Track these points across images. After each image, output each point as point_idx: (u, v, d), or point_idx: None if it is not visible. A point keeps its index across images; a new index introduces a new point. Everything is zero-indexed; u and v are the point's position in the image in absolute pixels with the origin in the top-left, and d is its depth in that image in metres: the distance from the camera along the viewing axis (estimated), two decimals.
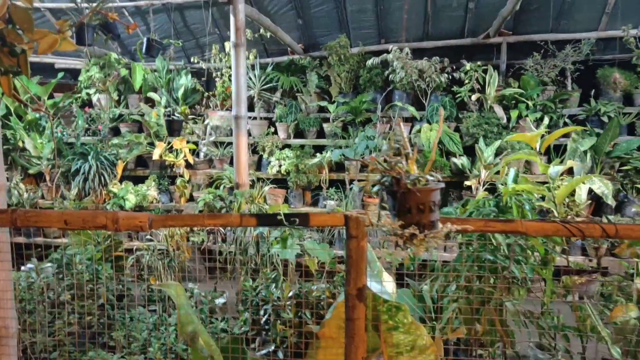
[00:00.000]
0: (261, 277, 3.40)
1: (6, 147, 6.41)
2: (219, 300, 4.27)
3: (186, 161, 6.14)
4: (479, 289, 2.85)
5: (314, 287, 3.07)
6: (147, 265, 4.30)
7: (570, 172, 5.61)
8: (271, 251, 3.94)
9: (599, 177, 5.36)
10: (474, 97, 5.88)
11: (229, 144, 6.19)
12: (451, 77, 6.06)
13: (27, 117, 6.29)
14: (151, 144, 6.26)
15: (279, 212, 1.73)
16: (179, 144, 6.06)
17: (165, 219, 1.89)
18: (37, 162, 6.19)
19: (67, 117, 6.56)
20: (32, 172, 6.37)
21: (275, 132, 6.41)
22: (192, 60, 6.61)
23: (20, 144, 6.30)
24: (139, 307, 4.06)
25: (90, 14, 3.34)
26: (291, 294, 2.97)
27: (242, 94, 4.62)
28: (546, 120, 5.65)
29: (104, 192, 6.05)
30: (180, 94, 6.41)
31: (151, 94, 6.51)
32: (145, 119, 6.30)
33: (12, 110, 6.41)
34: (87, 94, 6.58)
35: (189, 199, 6.28)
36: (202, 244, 5.75)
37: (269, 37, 6.31)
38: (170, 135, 6.04)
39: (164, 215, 1.88)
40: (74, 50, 5.67)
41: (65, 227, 1.87)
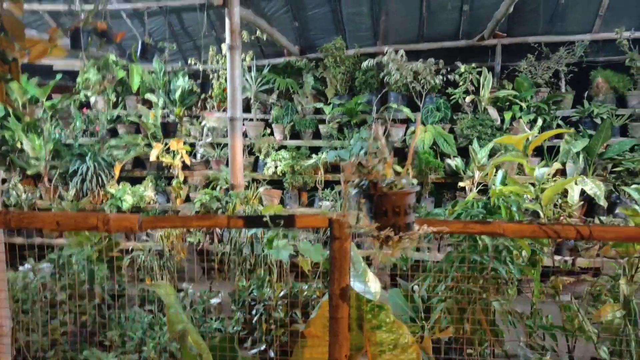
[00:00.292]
0: (254, 278, 3.45)
1: (5, 149, 6.47)
2: (214, 300, 4.32)
3: (183, 162, 6.19)
4: (467, 289, 2.90)
5: (305, 287, 3.12)
6: (143, 265, 4.35)
7: (563, 173, 5.67)
8: (265, 252, 3.99)
9: (592, 178, 5.42)
10: (468, 99, 5.93)
11: (226, 145, 6.24)
12: (446, 79, 6.11)
13: (25, 119, 6.35)
14: (148, 145, 6.31)
15: (265, 214, 1.78)
16: (176, 145, 6.11)
17: (155, 220, 1.94)
18: (35, 163, 6.25)
19: (65, 119, 6.61)
20: (30, 173, 6.41)
21: (271, 134, 6.46)
22: (189, 62, 6.67)
23: (18, 145, 6.35)
24: (134, 306, 4.11)
25: (85, 18, 3.38)
26: (282, 293, 3.02)
27: (237, 96, 4.67)
28: (539, 121, 5.69)
29: (101, 193, 6.10)
30: (177, 95, 6.46)
31: (149, 96, 6.56)
32: (142, 121, 6.36)
33: (10, 111, 6.46)
34: (86, 96, 6.63)
35: (186, 199, 6.33)
36: (199, 244, 5.82)
37: (265, 39, 6.36)
38: (165, 137, 6.09)
39: (154, 216, 1.93)
40: (72, 52, 5.73)
41: (57, 228, 1.92)
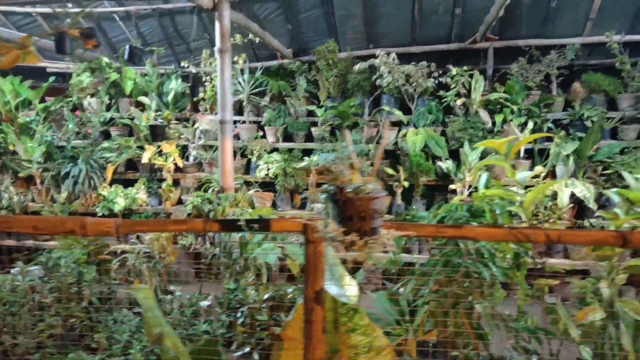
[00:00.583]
0: (240, 280, 3.46)
1: None
2: (204, 302, 4.33)
3: (175, 165, 6.21)
4: (450, 292, 2.91)
5: (290, 290, 3.13)
6: (132, 268, 4.35)
7: (554, 175, 5.70)
8: (254, 254, 3.99)
9: (582, 181, 5.44)
10: (459, 102, 5.95)
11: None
12: (438, 81, 6.13)
13: (18, 121, 6.36)
14: (141, 147, 6.32)
15: (240, 218, 1.79)
16: (169, 148, 6.12)
17: (132, 224, 1.95)
18: (28, 166, 6.26)
19: (58, 121, 6.63)
20: (22, 175, 6.43)
21: (264, 136, 6.48)
22: (182, 64, 6.69)
23: (11, 147, 6.37)
24: (123, 309, 4.12)
25: (71, 22, 3.40)
26: (267, 296, 3.04)
27: (228, 99, 4.68)
28: (530, 124, 5.71)
29: (93, 196, 6.12)
30: (170, 98, 6.48)
31: (142, 98, 6.57)
32: (135, 123, 6.37)
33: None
34: (79, 98, 6.65)
35: (178, 202, 6.35)
36: (190, 246, 5.83)
37: (258, 42, 6.38)
38: (154, 140, 6.10)
39: (131, 220, 1.94)
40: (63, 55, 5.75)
41: (35, 232, 1.93)
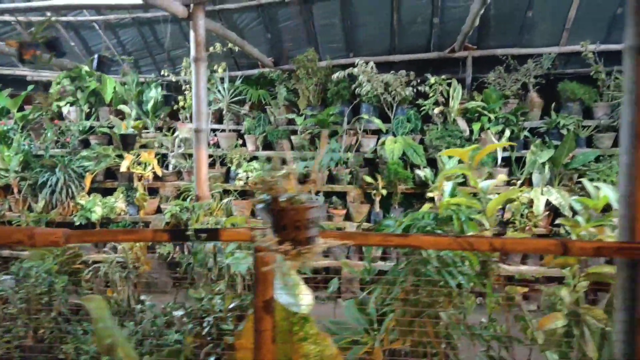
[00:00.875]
0: (208, 289, 3.45)
1: None
2: (177, 312, 4.30)
3: (154, 173, 6.19)
4: (416, 300, 2.91)
5: None
6: (106, 277, 4.32)
7: (531, 183, 5.74)
8: (226, 263, 3.98)
9: (557, 189, 5.48)
10: (437, 110, 5.99)
11: None
12: (416, 90, 6.17)
13: None
14: (120, 156, 6.30)
15: (190, 227, 1.79)
16: (147, 157, 6.10)
17: (82, 234, 1.94)
18: (5, 175, 6.21)
19: (37, 130, 6.59)
20: None
21: (243, 144, 6.48)
22: (162, 73, 6.69)
23: None
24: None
25: (35, 31, 3.39)
26: (232, 305, 3.02)
27: (203, 108, 4.68)
28: (507, 132, 5.77)
29: (71, 205, 6.07)
30: (150, 106, 6.47)
31: (122, 107, 6.56)
32: (114, 132, 6.35)
33: None
34: (58, 107, 6.62)
35: (157, 210, 6.32)
36: (169, 255, 5.80)
37: (238, 50, 6.40)
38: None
39: (81, 231, 1.94)
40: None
41: None
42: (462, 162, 5.61)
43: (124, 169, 6.06)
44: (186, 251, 5.71)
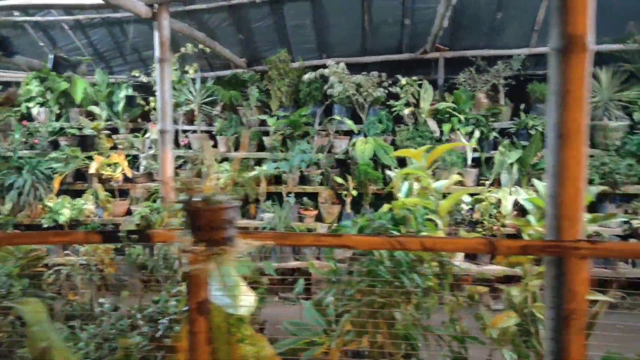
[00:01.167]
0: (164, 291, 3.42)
1: None
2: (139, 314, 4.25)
3: (124, 175, 6.13)
4: (371, 301, 2.91)
5: None
6: (67, 280, 4.27)
7: (500, 183, 5.78)
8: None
9: (525, 189, 5.53)
10: (408, 111, 6.01)
11: None
12: (388, 91, 6.19)
13: None
14: (90, 157, 6.23)
15: (122, 229, 1.77)
16: (117, 158, 6.04)
17: (11, 237, 1.91)
18: None
19: (4, 131, 6.49)
20: None
21: (215, 145, 6.45)
22: (132, 73, 6.63)
23: None
24: (55, 322, 4.02)
25: None
26: (187, 307, 3.00)
27: (168, 108, 4.65)
28: (477, 133, 5.80)
29: (39, 207, 5.99)
30: (120, 107, 6.41)
31: (92, 108, 6.49)
32: (84, 133, 6.28)
33: None
34: (27, 107, 6.53)
35: (127, 212, 6.26)
36: (137, 257, 5.73)
37: (210, 51, 6.36)
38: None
39: (10, 233, 1.90)
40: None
41: None
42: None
43: (93, 170, 6.00)
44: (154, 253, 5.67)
